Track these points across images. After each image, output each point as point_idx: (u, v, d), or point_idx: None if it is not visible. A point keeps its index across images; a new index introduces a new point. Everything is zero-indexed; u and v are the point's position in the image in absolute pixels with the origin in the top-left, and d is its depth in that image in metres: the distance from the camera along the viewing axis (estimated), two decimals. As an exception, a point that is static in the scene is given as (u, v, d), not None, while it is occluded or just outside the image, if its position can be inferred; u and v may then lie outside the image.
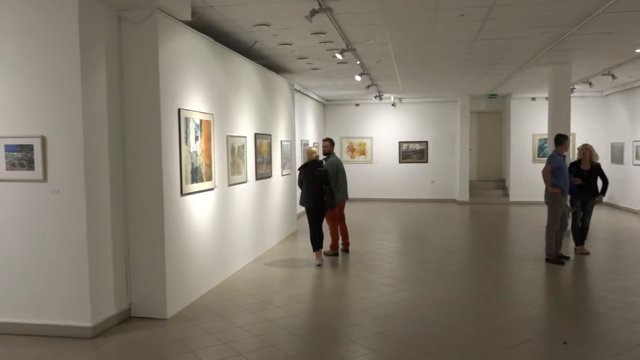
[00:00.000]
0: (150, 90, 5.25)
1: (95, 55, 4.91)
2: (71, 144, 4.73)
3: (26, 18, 4.73)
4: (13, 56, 4.77)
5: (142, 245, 5.37)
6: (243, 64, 7.92)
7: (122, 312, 5.28)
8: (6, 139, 4.78)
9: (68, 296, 4.82)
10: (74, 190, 4.75)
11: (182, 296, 5.69)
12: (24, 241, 4.84)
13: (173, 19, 5.54)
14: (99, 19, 4.95)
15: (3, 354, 4.43)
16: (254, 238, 8.29)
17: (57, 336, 4.78)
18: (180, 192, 5.68)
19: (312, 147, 10.32)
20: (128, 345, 4.69)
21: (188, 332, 5.00)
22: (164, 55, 5.34)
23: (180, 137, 5.65)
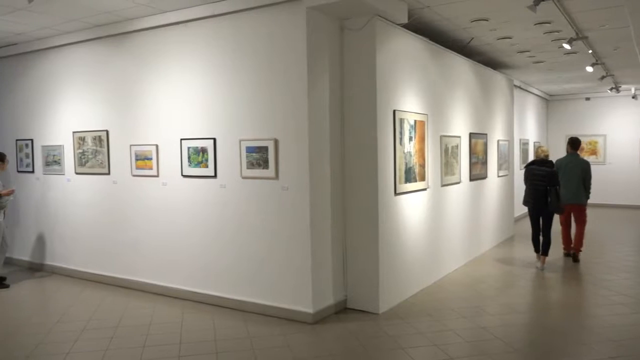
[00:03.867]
0: (367, 93, 5.49)
1: (320, 62, 5.32)
2: (298, 145, 5.21)
3: (263, 31, 5.37)
4: (252, 67, 5.46)
5: (358, 241, 5.64)
6: (458, 62, 7.74)
7: (339, 303, 5.63)
8: (247, 142, 5.50)
9: (293, 283, 5.32)
10: (300, 188, 5.23)
11: (394, 293, 5.82)
12: (264, 231, 5.50)
13: (390, 23, 5.69)
14: (323, 29, 5.36)
15: (242, 328, 5.11)
16: (467, 240, 8.04)
17: (284, 318, 5.33)
18: (394, 191, 5.81)
19: (542, 145, 9.61)
20: (344, 334, 4.98)
21: (399, 329, 5.08)
22: (381, 58, 5.52)
23: (394, 138, 5.79)
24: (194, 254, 6.02)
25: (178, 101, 6.05)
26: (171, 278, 6.22)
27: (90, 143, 6.95)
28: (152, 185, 6.35)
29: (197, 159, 5.90)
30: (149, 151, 6.32)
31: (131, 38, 6.42)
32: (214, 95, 5.76)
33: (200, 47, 5.84)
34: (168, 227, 6.23)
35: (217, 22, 5.67)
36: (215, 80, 5.74)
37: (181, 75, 6.01)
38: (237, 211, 5.64)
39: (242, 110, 5.56)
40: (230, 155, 5.66)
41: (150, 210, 6.39)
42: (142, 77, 6.36)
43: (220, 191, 5.76)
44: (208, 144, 5.80)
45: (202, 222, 5.92)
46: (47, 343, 4.80)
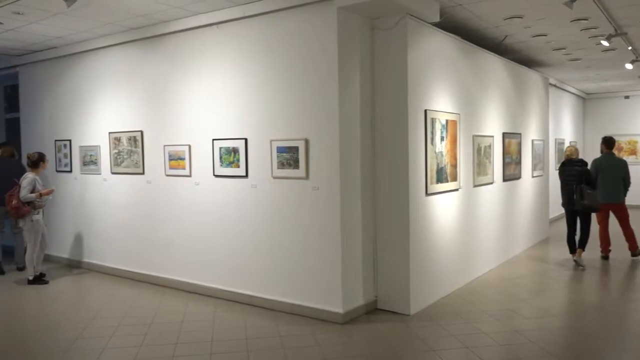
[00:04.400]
0: (398, 92, 5.45)
1: (351, 62, 5.31)
2: (329, 145, 5.21)
3: (294, 31, 5.39)
4: (283, 67, 5.49)
5: (389, 241, 5.61)
6: (491, 60, 7.62)
7: (369, 304, 5.60)
8: (278, 142, 5.53)
9: (323, 283, 5.33)
10: (331, 188, 5.23)
11: (425, 294, 5.76)
12: (294, 231, 5.52)
13: (421, 22, 5.64)
14: (354, 29, 5.35)
15: (272, 327, 5.15)
16: (500, 242, 7.90)
17: (314, 318, 5.34)
18: (425, 191, 5.76)
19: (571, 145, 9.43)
20: (374, 335, 4.96)
21: (430, 331, 5.03)
22: (412, 57, 5.48)
23: (426, 138, 5.73)
24: (225, 253, 6.09)
25: (210, 102, 6.13)
26: (203, 276, 6.31)
27: (126, 143, 7.11)
28: (184, 185, 6.46)
29: (229, 159, 5.97)
30: (182, 151, 6.42)
31: (165, 40, 6.54)
32: (246, 95, 5.81)
33: (232, 48, 5.90)
34: (200, 226, 6.32)
35: (249, 23, 5.73)
36: (246, 81, 5.80)
37: (213, 76, 6.09)
38: (268, 211, 5.69)
39: (273, 111, 5.59)
40: (261, 155, 5.71)
41: (183, 210, 6.49)
42: (175, 78, 6.47)
43: (251, 191, 5.81)
44: (239, 144, 5.86)
45: (234, 222, 5.99)
46: (84, 338, 4.93)
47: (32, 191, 6.74)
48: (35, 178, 6.85)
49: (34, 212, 6.80)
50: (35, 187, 6.79)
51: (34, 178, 6.84)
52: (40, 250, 6.99)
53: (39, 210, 6.88)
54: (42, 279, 7.01)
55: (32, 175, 6.85)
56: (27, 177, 6.82)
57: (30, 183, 6.75)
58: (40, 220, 6.92)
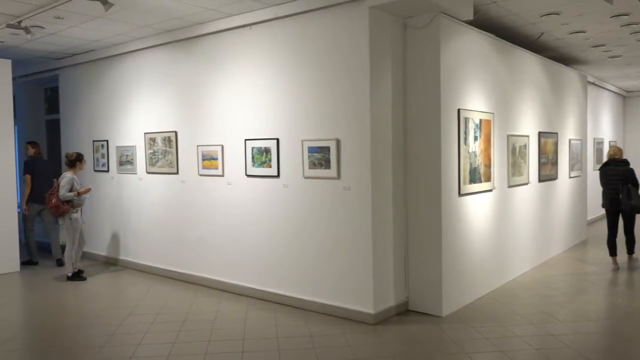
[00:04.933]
0: (431, 92, 5.40)
1: (383, 61, 5.29)
2: (360, 145, 5.20)
3: (326, 31, 5.40)
4: (315, 67, 5.51)
5: (420, 242, 5.56)
6: (527, 58, 7.46)
7: (400, 305, 5.56)
8: (309, 142, 5.55)
9: (354, 283, 5.32)
10: (362, 188, 5.21)
11: (457, 296, 5.69)
12: (326, 231, 5.53)
13: (454, 20, 5.57)
14: (386, 28, 5.32)
15: (303, 327, 5.17)
16: (535, 244, 7.73)
17: (345, 318, 5.34)
18: (458, 192, 5.68)
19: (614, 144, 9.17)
20: (405, 336, 4.92)
21: (463, 333, 4.96)
22: (445, 56, 5.41)
23: (459, 138, 5.65)
24: (257, 252, 6.14)
25: (243, 102, 6.20)
26: (235, 275, 6.38)
27: (160, 144, 7.25)
28: (217, 185, 6.55)
29: (261, 159, 6.02)
30: (215, 151, 6.51)
31: (199, 42, 6.65)
32: (278, 96, 5.85)
33: (264, 49, 5.95)
34: (233, 225, 6.39)
35: (281, 23, 5.76)
36: (278, 81, 5.84)
37: (246, 77, 6.15)
38: (300, 211, 5.71)
39: (305, 111, 5.61)
40: (292, 155, 5.73)
41: (216, 209, 6.58)
42: (208, 79, 6.56)
43: (283, 191, 5.85)
44: (271, 144, 5.90)
45: (266, 222, 6.04)
46: (120, 334, 5.05)
47: (70, 190, 6.95)
48: (73, 177, 7.06)
49: (73, 211, 7.01)
50: (73, 186, 7.00)
51: (72, 177, 7.05)
52: (78, 247, 7.20)
53: (77, 209, 7.08)
54: (81, 275, 7.21)
55: (70, 175, 7.06)
56: (65, 176, 7.04)
57: (69, 182, 6.96)
58: (79, 218, 7.12)
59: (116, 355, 4.52)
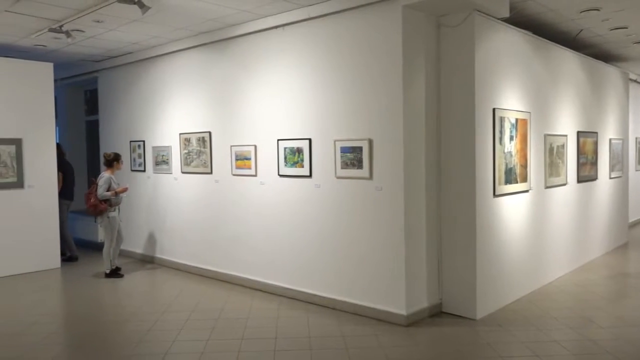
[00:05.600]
0: (465, 91, 5.32)
1: (416, 61, 5.24)
2: (393, 145, 5.17)
3: (358, 31, 5.39)
4: (347, 67, 5.50)
5: (454, 243, 5.49)
6: (565, 55, 7.27)
7: (433, 307, 5.50)
8: (342, 142, 5.54)
9: (386, 284, 5.29)
10: (394, 188, 5.18)
11: (492, 299, 5.59)
12: (358, 231, 5.52)
13: (490, 18, 5.47)
14: (419, 27, 5.27)
15: (335, 327, 5.17)
16: (574, 246, 7.52)
17: (376, 319, 5.31)
18: (493, 193, 5.58)
19: None
20: (439, 338, 4.86)
21: (498, 336, 4.87)
22: (480, 55, 5.33)
23: (494, 137, 5.56)
24: (289, 252, 6.18)
25: (275, 103, 6.24)
26: (268, 274, 6.43)
27: (195, 144, 7.37)
28: (250, 185, 6.61)
29: (293, 159, 6.05)
30: (248, 151, 6.58)
31: (232, 43, 6.73)
32: (310, 96, 5.87)
33: (297, 50, 5.98)
34: (265, 225, 6.44)
35: (313, 24, 5.78)
36: (310, 82, 5.86)
37: (278, 78, 6.19)
38: (332, 211, 5.71)
39: (337, 111, 5.61)
40: (325, 156, 5.74)
41: (249, 209, 6.65)
42: (242, 80, 6.64)
43: (315, 191, 5.86)
44: (304, 144, 5.93)
45: (298, 221, 6.06)
46: (155, 330, 5.16)
47: (108, 189, 7.13)
48: (110, 177, 7.24)
49: (110, 210, 7.19)
50: (110, 186, 7.18)
51: (110, 177, 7.23)
52: (116, 245, 7.39)
53: (114, 208, 7.26)
54: (118, 272, 7.40)
55: (108, 175, 7.25)
56: (103, 176, 7.23)
57: (107, 182, 7.14)
58: (116, 217, 7.31)
59: (152, 351, 4.62)
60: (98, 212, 7.17)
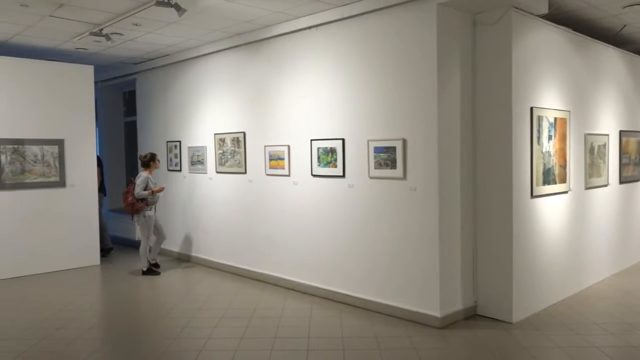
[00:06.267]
0: (502, 90, 5.22)
1: (451, 59, 5.17)
2: (427, 145, 5.11)
3: (392, 31, 5.35)
4: (380, 67, 5.47)
5: (490, 245, 5.39)
6: (607, 52, 7.04)
7: (468, 309, 5.42)
8: (375, 142, 5.52)
9: (420, 285, 5.23)
10: (429, 189, 5.12)
11: (529, 302, 5.46)
12: (391, 232, 5.48)
13: (528, 15, 5.35)
14: (454, 25, 5.20)
15: (368, 327, 5.15)
16: (615, 249, 7.28)
17: (409, 320, 5.27)
18: (531, 193, 5.46)
19: None
20: (473, 341, 4.78)
21: (535, 340, 4.76)
22: (517, 52, 5.22)
23: (532, 137, 5.43)
24: (322, 251, 6.19)
25: (309, 103, 6.26)
26: (301, 274, 6.46)
27: (229, 144, 7.47)
28: (283, 184, 6.65)
29: (327, 159, 6.05)
30: (282, 151, 6.62)
31: (266, 44, 6.78)
32: (343, 96, 5.87)
33: (330, 50, 5.98)
34: (299, 225, 6.47)
35: (347, 24, 5.77)
36: (344, 82, 5.85)
37: (312, 78, 6.21)
38: (365, 211, 5.69)
39: (371, 111, 5.59)
40: (358, 155, 5.73)
41: (282, 208, 6.69)
42: (275, 81, 6.68)
43: (348, 191, 5.85)
44: (337, 144, 5.93)
45: (331, 221, 6.07)
46: (190, 327, 5.25)
47: (145, 189, 7.30)
48: (148, 177, 7.40)
49: (147, 209, 7.36)
50: (148, 185, 7.35)
51: (147, 177, 7.40)
52: (156, 243, 7.60)
53: (151, 207, 7.43)
54: (155, 270, 7.55)
55: (145, 174, 7.41)
56: (140, 175, 7.40)
57: (144, 181, 7.32)
58: (152, 215, 7.46)
59: (188, 348, 4.70)
60: (135, 211, 7.34)
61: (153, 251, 7.59)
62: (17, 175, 7.53)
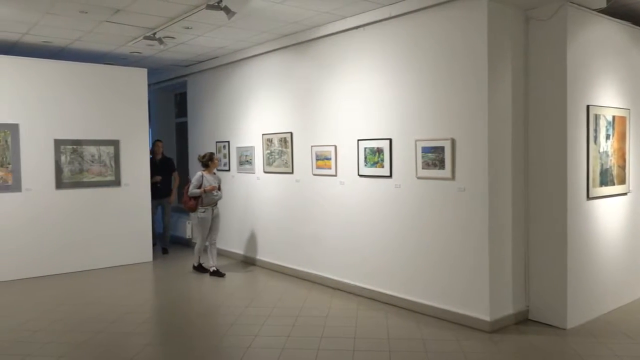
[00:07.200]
0: (556, 87, 5.05)
1: (502, 57, 5.04)
2: (476, 144, 5.00)
3: (440, 29, 5.27)
4: (428, 66, 5.39)
5: (543, 248, 5.22)
6: (671, 47, 6.67)
7: (519, 313, 5.27)
8: (423, 142, 5.45)
9: (469, 288, 5.13)
10: (478, 189, 5.01)
11: (584, 308, 5.26)
12: (438, 233, 5.40)
13: (583, 9, 5.15)
14: (505, 22, 5.06)
15: (414, 329, 5.09)
16: (679, 255, 6.89)
17: (457, 323, 5.17)
18: (587, 195, 5.25)
19: None
20: (525, 347, 4.64)
21: (590, 348, 4.57)
22: (573, 49, 5.03)
23: (588, 136, 5.23)
24: (368, 251, 6.16)
25: (355, 103, 6.25)
26: (347, 274, 6.45)
27: (277, 144, 7.55)
28: (330, 184, 6.66)
29: (373, 159, 6.02)
30: (328, 151, 6.64)
31: (313, 45, 6.82)
32: (390, 96, 5.82)
33: (377, 50, 5.95)
34: (345, 225, 6.47)
35: (394, 23, 5.73)
36: (391, 81, 5.80)
37: (358, 78, 6.20)
38: (412, 212, 5.63)
39: (418, 110, 5.52)
40: (405, 156, 5.67)
41: (328, 208, 6.71)
42: (322, 81, 6.71)
43: (395, 191, 5.81)
44: (384, 144, 5.89)
45: (377, 221, 6.03)
46: (239, 324, 5.34)
47: (198, 188, 7.31)
48: (202, 175, 7.33)
49: (201, 209, 7.33)
50: (202, 184, 7.29)
51: (201, 175, 7.34)
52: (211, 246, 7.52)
53: (205, 208, 7.35)
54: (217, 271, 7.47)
55: (200, 173, 7.38)
56: (196, 174, 7.47)
57: (198, 180, 7.32)
58: (207, 217, 7.37)
59: (236, 344, 4.79)
60: (188, 209, 7.42)
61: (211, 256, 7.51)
62: (76, 174, 7.88)
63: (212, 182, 7.41)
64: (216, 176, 7.58)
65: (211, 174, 7.48)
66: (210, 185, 7.36)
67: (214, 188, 7.38)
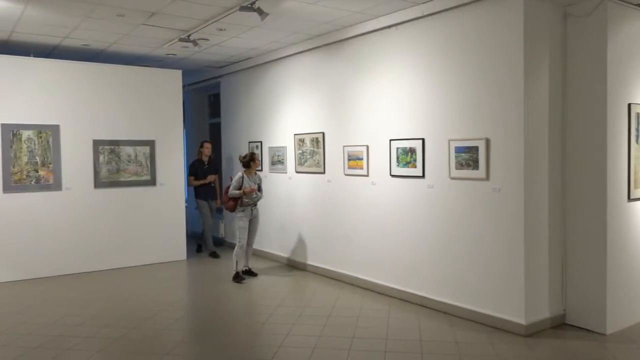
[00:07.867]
0: (596, 85, 4.91)
1: (538, 55, 4.93)
2: (511, 144, 4.90)
3: (474, 27, 5.18)
4: (461, 65, 5.31)
5: (581, 250, 5.08)
6: None
7: (556, 317, 5.14)
8: (456, 142, 5.37)
9: (503, 290, 5.03)
10: (513, 190, 4.91)
11: (625, 313, 5.09)
12: (472, 234, 5.32)
13: (624, 4, 4.99)
14: (542, 19, 4.95)
15: (448, 332, 5.02)
16: None
17: (491, 326, 5.07)
18: (628, 197, 5.08)
19: None
20: (562, 352, 4.53)
21: (631, 355, 4.43)
22: (614, 45, 4.88)
23: (629, 135, 5.06)
24: (400, 252, 6.11)
25: (388, 103, 6.21)
26: (378, 274, 6.42)
27: (309, 144, 7.57)
28: (362, 185, 6.64)
29: (406, 159, 5.97)
30: (360, 152, 6.62)
31: (345, 45, 6.81)
32: (423, 95, 5.76)
33: (409, 49, 5.90)
34: (377, 225, 6.44)
35: (427, 22, 5.67)
36: (423, 81, 5.75)
37: (391, 77, 6.16)
38: (445, 212, 5.56)
39: (451, 110, 5.45)
40: (438, 156, 5.60)
41: (360, 209, 6.69)
42: (354, 81, 6.69)
43: (427, 191, 5.74)
44: (417, 144, 5.83)
45: (409, 222, 5.98)
46: (270, 323, 5.38)
47: (238, 189, 7.15)
48: (242, 176, 7.18)
49: (239, 209, 7.21)
50: (242, 185, 7.14)
51: (241, 176, 7.18)
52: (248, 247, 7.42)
53: (244, 209, 7.22)
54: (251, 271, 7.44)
55: (241, 173, 7.23)
56: (237, 174, 7.32)
57: (237, 180, 7.17)
58: (244, 217, 7.25)
59: (268, 343, 4.83)
60: (227, 209, 7.33)
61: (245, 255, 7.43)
62: (113, 174, 8.08)
63: (252, 183, 7.26)
64: (257, 176, 7.42)
65: (252, 174, 7.33)
66: (250, 187, 7.16)
67: (253, 190, 7.17)
